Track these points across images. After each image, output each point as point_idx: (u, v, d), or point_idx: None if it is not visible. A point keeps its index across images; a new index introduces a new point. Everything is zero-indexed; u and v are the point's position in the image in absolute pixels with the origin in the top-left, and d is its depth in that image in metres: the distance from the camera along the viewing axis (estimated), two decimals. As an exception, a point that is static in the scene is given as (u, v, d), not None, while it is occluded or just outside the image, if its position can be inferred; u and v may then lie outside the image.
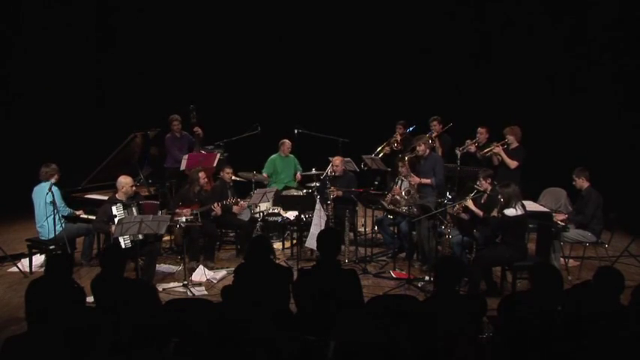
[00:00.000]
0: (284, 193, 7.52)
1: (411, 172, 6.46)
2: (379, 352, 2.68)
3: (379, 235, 7.25)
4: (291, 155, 8.17)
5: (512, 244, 5.32)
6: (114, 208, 5.74)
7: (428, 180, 6.40)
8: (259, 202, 6.90)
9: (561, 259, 6.31)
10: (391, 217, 6.79)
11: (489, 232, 5.67)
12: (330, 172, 7.17)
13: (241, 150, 8.27)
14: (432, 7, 9.74)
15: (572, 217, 6.21)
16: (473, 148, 7.29)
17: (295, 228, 7.03)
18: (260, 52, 10.13)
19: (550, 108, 9.04)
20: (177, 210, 6.31)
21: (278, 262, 6.32)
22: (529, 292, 3.50)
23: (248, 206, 7.00)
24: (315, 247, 4.82)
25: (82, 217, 6.44)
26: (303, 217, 6.70)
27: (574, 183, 6.28)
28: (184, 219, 6.06)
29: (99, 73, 10.03)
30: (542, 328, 3.07)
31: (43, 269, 5.55)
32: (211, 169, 7.49)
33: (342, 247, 6.49)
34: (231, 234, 7.45)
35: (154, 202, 6.60)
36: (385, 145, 8.18)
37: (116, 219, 5.58)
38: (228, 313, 3.20)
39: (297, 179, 8.08)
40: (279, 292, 3.94)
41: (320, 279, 3.86)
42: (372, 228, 7.43)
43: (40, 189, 6.11)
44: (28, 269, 6.18)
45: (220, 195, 6.83)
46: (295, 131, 8.14)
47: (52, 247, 5.94)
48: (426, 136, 6.78)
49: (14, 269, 6.27)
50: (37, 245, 6.18)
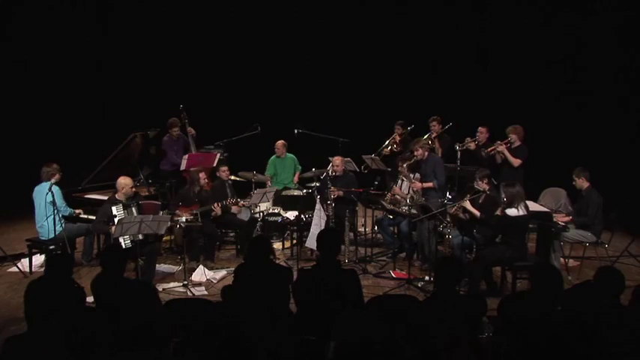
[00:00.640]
0: (284, 193, 7.52)
1: (413, 178, 6.46)
2: (379, 352, 2.68)
3: (379, 235, 7.24)
4: (290, 155, 8.16)
5: (512, 244, 5.32)
6: (114, 208, 5.75)
7: (430, 184, 6.41)
8: (259, 202, 6.90)
9: (561, 259, 6.31)
10: (391, 217, 6.80)
11: (489, 233, 5.67)
12: (331, 172, 7.16)
13: (241, 150, 8.28)
14: (432, 7, 9.74)
15: (575, 220, 6.18)
16: (472, 145, 7.30)
17: (295, 228, 7.03)
18: (260, 52, 10.14)
19: (550, 108, 9.05)
20: (177, 210, 6.32)
21: (278, 262, 6.33)
22: (529, 292, 3.50)
23: (248, 206, 7.00)
24: (315, 247, 4.82)
25: (81, 216, 6.44)
26: (303, 217, 6.70)
27: (574, 183, 6.28)
28: (184, 219, 6.06)
29: (99, 72, 10.02)
30: (542, 328, 3.07)
31: (43, 269, 5.54)
32: (211, 168, 7.49)
33: (342, 247, 6.49)
34: (231, 234, 7.45)
35: (155, 202, 6.60)
36: (385, 146, 8.19)
37: (116, 219, 5.59)
38: (228, 313, 3.19)
39: (295, 181, 8.08)
40: (279, 292, 3.93)
41: (320, 279, 3.86)
42: (372, 228, 7.43)
43: (41, 189, 6.11)
44: (28, 269, 6.19)
45: (220, 194, 6.84)
46: (295, 131, 8.13)
47: (52, 247, 5.94)
48: (423, 140, 6.77)
49: (14, 269, 6.27)
50: (37, 245, 6.18)
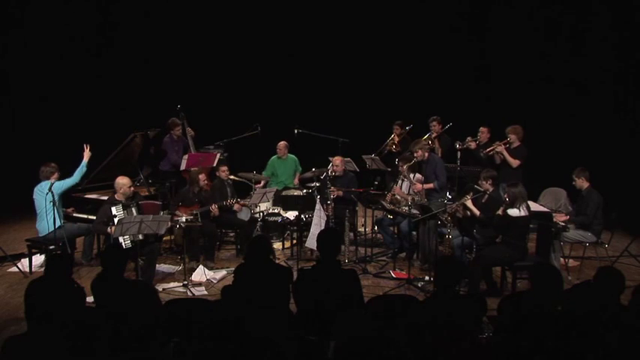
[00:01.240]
0: (284, 193, 7.52)
1: (413, 179, 6.46)
2: (379, 353, 2.68)
3: (379, 235, 7.24)
4: (291, 155, 8.17)
5: (512, 244, 5.31)
6: (113, 208, 5.74)
7: (431, 185, 6.41)
8: (259, 202, 6.90)
9: (561, 259, 6.31)
10: (391, 217, 6.79)
11: (489, 233, 5.67)
12: (331, 172, 7.17)
13: (241, 150, 8.28)
14: (432, 6, 9.74)
15: (574, 219, 6.20)
16: (473, 145, 7.30)
17: (295, 228, 7.03)
18: (260, 52, 10.13)
19: (550, 108, 9.04)
20: (177, 210, 6.31)
21: (278, 262, 6.33)
22: (529, 292, 3.50)
23: (248, 206, 7.00)
24: (315, 247, 4.82)
25: (80, 216, 6.45)
26: (303, 217, 6.70)
27: (574, 183, 6.28)
28: (184, 219, 6.06)
29: (99, 72, 10.02)
30: (542, 328, 3.07)
31: (43, 269, 5.54)
32: (210, 168, 7.49)
33: (342, 247, 6.50)
34: (231, 234, 7.45)
35: (156, 202, 6.59)
36: (384, 147, 8.19)
37: (116, 219, 5.58)
38: (228, 313, 3.19)
39: (295, 183, 8.09)
40: (279, 292, 3.94)
41: (320, 279, 3.86)
42: (372, 228, 7.43)
43: (41, 188, 6.12)
44: (28, 269, 6.19)
45: (220, 194, 6.84)
46: (295, 131, 8.13)
47: (52, 247, 5.94)
48: (422, 141, 6.77)
49: (14, 269, 6.27)
50: (37, 245, 6.18)
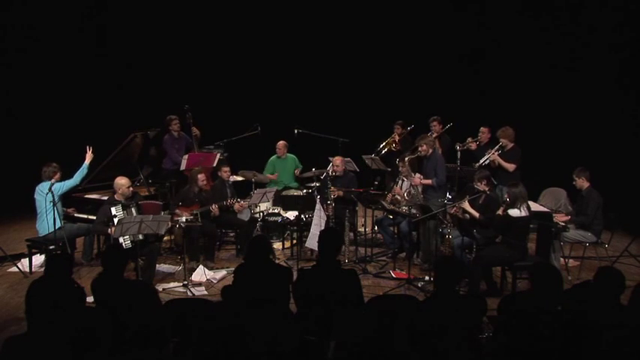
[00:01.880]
0: (284, 193, 7.52)
1: (412, 173, 6.46)
2: (379, 353, 2.68)
3: (379, 235, 7.25)
4: (291, 155, 8.17)
5: (512, 244, 5.31)
6: (113, 209, 5.75)
7: (429, 181, 6.40)
8: (259, 202, 6.90)
9: (561, 259, 6.31)
10: (391, 217, 6.79)
11: (489, 233, 5.67)
12: (331, 172, 7.17)
13: (241, 150, 8.28)
14: (432, 6, 9.74)
15: (575, 219, 6.19)
16: (473, 146, 7.30)
17: (295, 228, 7.03)
18: (260, 52, 10.13)
19: (550, 108, 9.04)
20: (177, 210, 6.32)
21: (278, 262, 6.33)
22: (529, 292, 3.50)
23: (248, 206, 7.01)
24: (316, 247, 4.82)
25: (80, 216, 6.45)
26: (303, 217, 6.70)
27: (574, 183, 6.28)
28: (184, 219, 6.06)
29: (99, 72, 10.02)
30: (542, 328, 3.07)
31: (43, 269, 5.54)
32: (211, 168, 7.49)
33: (342, 247, 6.49)
34: (231, 234, 7.45)
35: (156, 202, 6.59)
36: (384, 146, 8.19)
37: (116, 219, 5.58)
38: (228, 313, 3.20)
39: (296, 173, 8.09)
40: (279, 292, 3.93)
41: (320, 279, 3.86)
42: (372, 228, 7.43)
43: (42, 188, 6.12)
44: (28, 269, 6.19)
45: (220, 194, 6.84)
46: (295, 131, 8.14)
47: (52, 247, 5.94)
48: (428, 136, 6.77)
49: (14, 269, 6.27)
50: (37, 245, 6.18)
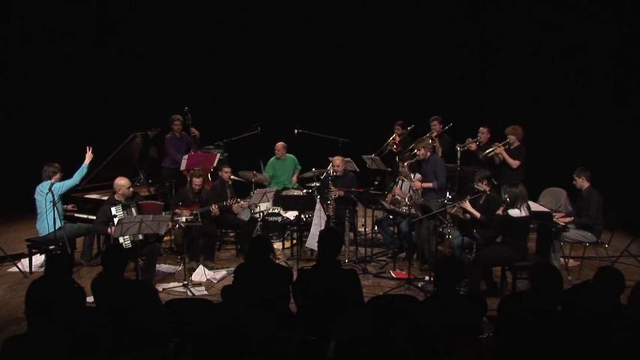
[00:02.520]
0: (284, 193, 7.51)
1: (412, 177, 6.46)
2: (379, 353, 2.68)
3: (379, 235, 7.24)
4: (290, 155, 8.17)
5: (512, 244, 5.31)
6: (113, 209, 5.74)
7: (430, 184, 6.40)
8: (259, 202, 6.90)
9: (561, 259, 6.31)
10: (391, 217, 6.79)
11: (490, 233, 5.67)
12: (331, 172, 7.16)
13: (241, 150, 8.28)
14: (432, 6, 9.74)
15: (577, 220, 6.17)
16: (473, 146, 7.30)
17: (295, 228, 7.03)
18: (260, 52, 10.13)
19: (550, 108, 9.04)
20: (177, 210, 6.32)
21: (278, 262, 6.32)
22: (529, 292, 3.50)
23: (248, 206, 7.01)
24: (316, 247, 4.82)
25: (80, 216, 6.46)
26: (303, 217, 6.70)
27: (574, 183, 6.27)
28: (184, 219, 6.06)
29: (100, 72, 10.03)
30: (542, 328, 3.07)
31: (43, 269, 5.54)
32: (209, 169, 7.49)
33: (342, 247, 6.49)
34: (231, 234, 7.45)
35: (157, 202, 6.59)
36: (384, 146, 8.19)
37: (116, 219, 5.58)
38: (228, 313, 3.20)
39: (293, 181, 8.08)
40: (279, 292, 3.94)
41: (320, 279, 3.86)
42: (372, 228, 7.43)
43: (42, 188, 6.12)
44: (28, 269, 6.18)
45: (220, 194, 6.84)
46: (295, 131, 8.13)
47: (52, 247, 5.94)
48: (426, 140, 6.77)
49: (14, 269, 6.27)
50: (37, 245, 6.18)
